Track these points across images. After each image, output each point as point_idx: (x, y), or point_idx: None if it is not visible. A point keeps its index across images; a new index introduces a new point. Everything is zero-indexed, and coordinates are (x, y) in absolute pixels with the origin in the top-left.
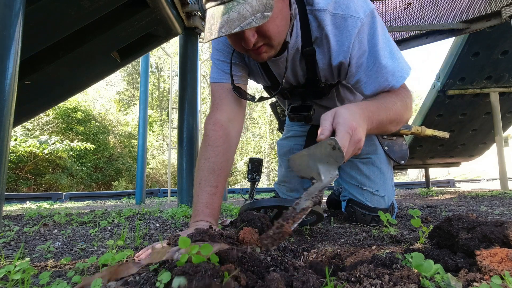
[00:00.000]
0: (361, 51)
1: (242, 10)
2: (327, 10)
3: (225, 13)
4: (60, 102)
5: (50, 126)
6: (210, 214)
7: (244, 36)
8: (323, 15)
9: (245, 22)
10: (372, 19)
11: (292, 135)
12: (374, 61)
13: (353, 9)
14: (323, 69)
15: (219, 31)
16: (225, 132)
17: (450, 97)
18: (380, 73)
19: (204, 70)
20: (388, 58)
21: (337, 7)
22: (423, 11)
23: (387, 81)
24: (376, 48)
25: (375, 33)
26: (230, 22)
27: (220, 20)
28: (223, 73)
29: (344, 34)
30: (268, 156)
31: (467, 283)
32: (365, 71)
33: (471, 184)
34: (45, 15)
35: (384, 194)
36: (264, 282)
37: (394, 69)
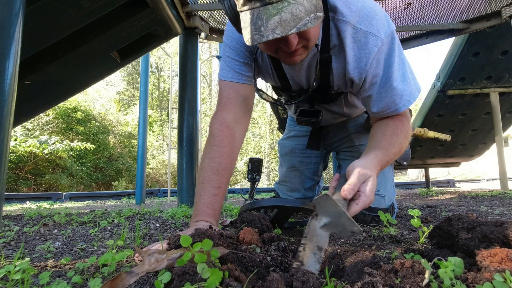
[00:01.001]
0: (377, 71)
1: (295, 11)
2: (349, 22)
3: (275, 14)
4: (60, 102)
5: (50, 126)
6: (211, 214)
7: (288, 38)
8: (344, 27)
9: (301, 23)
10: (391, 40)
11: (294, 135)
12: (386, 82)
13: (376, 27)
14: (337, 78)
15: (272, 32)
16: (231, 133)
17: (450, 97)
18: (390, 94)
19: (204, 70)
20: (399, 81)
21: (360, 21)
22: (423, 11)
23: (394, 103)
24: (391, 69)
25: (392, 54)
26: (284, 23)
27: (271, 21)
28: (233, 72)
29: (363, 51)
30: (268, 156)
31: (468, 283)
32: (377, 90)
33: (471, 184)
34: (45, 15)
35: (385, 194)
36: (264, 282)
37: (403, 92)
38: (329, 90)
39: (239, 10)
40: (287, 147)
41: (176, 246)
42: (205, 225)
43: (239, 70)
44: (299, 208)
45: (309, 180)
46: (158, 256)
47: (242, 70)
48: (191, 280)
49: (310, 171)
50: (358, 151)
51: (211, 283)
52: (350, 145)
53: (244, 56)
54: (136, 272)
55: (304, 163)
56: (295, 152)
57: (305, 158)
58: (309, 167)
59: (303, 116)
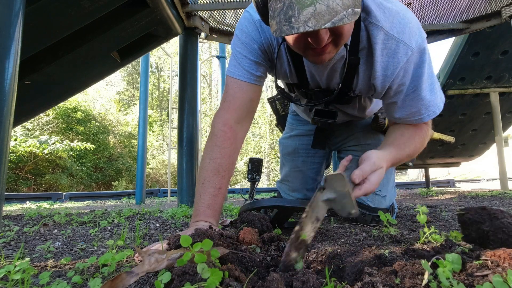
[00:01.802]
0: (404, 80)
1: (332, 3)
2: (382, 27)
3: (309, 5)
4: (60, 102)
5: (50, 126)
6: (212, 215)
7: (318, 33)
8: (376, 31)
9: (337, 17)
10: (422, 50)
11: (297, 134)
12: (414, 91)
13: (408, 36)
14: (362, 82)
15: (304, 25)
16: (233, 134)
17: (450, 97)
18: (416, 104)
19: (204, 70)
20: (427, 91)
21: (393, 28)
22: (423, 11)
23: (419, 112)
24: (421, 79)
25: (422, 65)
26: (318, 15)
27: (303, 12)
28: (243, 70)
29: (391, 60)
30: (268, 156)
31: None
32: (403, 97)
33: (471, 184)
34: (45, 15)
35: (386, 194)
36: (264, 282)
37: (430, 103)
38: (349, 93)
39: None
40: (290, 147)
41: (176, 246)
42: (205, 225)
43: (249, 69)
44: (299, 208)
45: (312, 181)
46: (158, 256)
47: (252, 69)
48: (191, 280)
49: (313, 171)
50: (363, 150)
51: (211, 283)
52: (355, 144)
53: (256, 55)
54: (136, 272)
55: (307, 163)
56: (298, 152)
57: (308, 158)
58: (312, 167)
59: (319, 117)
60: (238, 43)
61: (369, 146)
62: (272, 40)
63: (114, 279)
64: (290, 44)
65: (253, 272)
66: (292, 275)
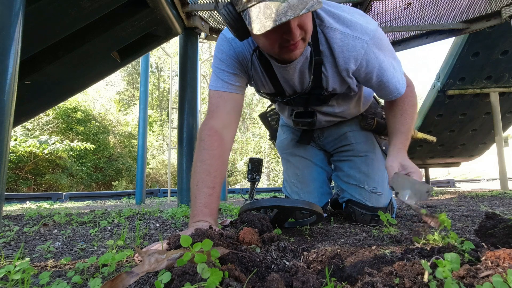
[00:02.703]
0: (369, 69)
1: None
2: (336, 29)
3: (283, 1)
4: (60, 102)
5: (50, 126)
6: (209, 214)
7: (291, 28)
8: (331, 33)
9: (308, 5)
10: (377, 40)
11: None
12: (381, 75)
13: (360, 31)
14: (332, 80)
15: (284, 15)
16: (219, 137)
17: (450, 97)
18: (389, 84)
19: (204, 70)
20: (392, 70)
21: (345, 27)
22: (423, 11)
23: (396, 89)
24: (383, 65)
25: (380, 53)
26: (293, 7)
27: (280, 7)
28: (222, 82)
29: (351, 54)
30: (268, 156)
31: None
32: (376, 83)
33: (471, 184)
34: (45, 15)
35: (382, 191)
36: (264, 282)
37: (398, 80)
38: (322, 92)
39: (243, 8)
40: (286, 140)
41: (176, 246)
42: (204, 225)
43: (228, 80)
44: (299, 208)
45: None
46: (158, 256)
47: (231, 80)
48: (191, 280)
49: (318, 160)
50: (354, 150)
51: (211, 283)
52: (345, 144)
53: (233, 67)
54: (136, 272)
55: (309, 151)
56: (295, 140)
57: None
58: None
59: (299, 118)
60: (216, 60)
61: (359, 145)
62: (245, 53)
63: (114, 279)
64: (264, 48)
65: (253, 272)
66: (292, 275)
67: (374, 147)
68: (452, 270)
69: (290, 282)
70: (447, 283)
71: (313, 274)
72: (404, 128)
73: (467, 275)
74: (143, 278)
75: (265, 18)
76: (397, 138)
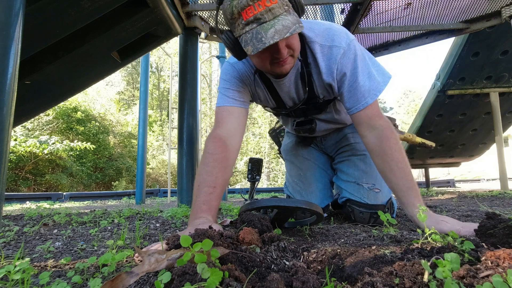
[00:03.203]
0: (343, 72)
1: (285, 23)
2: (316, 42)
3: (271, 28)
4: (60, 102)
5: (50, 126)
6: (207, 210)
7: (279, 48)
8: (314, 45)
9: (291, 29)
10: (352, 47)
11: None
12: (354, 81)
13: (337, 41)
14: (320, 87)
15: (272, 39)
16: (223, 144)
17: (450, 97)
18: (359, 90)
19: (204, 70)
20: (366, 79)
21: (324, 40)
22: (423, 11)
23: (363, 97)
24: (356, 70)
25: (355, 59)
26: (279, 31)
27: (268, 32)
28: (228, 98)
29: (331, 60)
30: (268, 156)
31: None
32: (347, 88)
33: (471, 184)
34: (45, 15)
35: (380, 188)
36: (264, 282)
37: (370, 87)
38: (317, 100)
39: (239, 34)
40: (290, 143)
41: (175, 246)
42: (202, 221)
43: (232, 96)
44: (299, 208)
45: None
46: (158, 256)
47: (235, 96)
48: (191, 280)
49: (321, 162)
50: (353, 149)
51: (211, 283)
52: (345, 144)
53: (237, 86)
54: (136, 272)
55: (312, 154)
56: (299, 143)
57: (313, 149)
58: (319, 159)
59: (299, 126)
60: (221, 82)
61: (358, 144)
62: (248, 74)
63: (114, 279)
64: (258, 66)
65: (253, 272)
66: (292, 275)
67: None
68: (452, 270)
69: (290, 282)
70: (447, 283)
71: (313, 274)
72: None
73: (467, 275)
74: (143, 278)
75: (257, 41)
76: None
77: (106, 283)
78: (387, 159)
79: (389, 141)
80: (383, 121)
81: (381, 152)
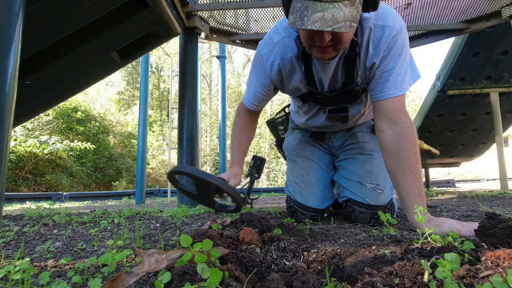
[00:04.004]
0: (389, 56)
1: (336, 14)
2: (370, 19)
3: (320, 11)
4: (60, 102)
5: (50, 126)
6: (237, 162)
7: (323, 35)
8: (366, 23)
9: (337, 25)
10: (403, 33)
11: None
12: (392, 67)
13: (391, 21)
14: (361, 71)
15: (312, 24)
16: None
17: (450, 97)
18: (393, 78)
19: (204, 70)
20: (404, 69)
21: (377, 18)
22: (423, 11)
23: (394, 86)
24: (399, 57)
25: (403, 45)
26: (323, 20)
27: (314, 15)
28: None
29: (381, 41)
30: (268, 156)
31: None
32: (381, 71)
33: (471, 184)
34: (45, 15)
35: (383, 189)
36: (264, 282)
37: (404, 79)
38: (354, 88)
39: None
40: (294, 141)
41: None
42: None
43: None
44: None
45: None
46: (158, 256)
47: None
48: (191, 280)
49: (324, 163)
50: (361, 147)
51: (211, 283)
52: (353, 142)
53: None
54: (136, 272)
55: (316, 154)
56: (304, 143)
57: (317, 149)
58: (323, 160)
59: (333, 113)
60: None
61: (366, 144)
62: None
63: (114, 279)
64: (302, 40)
65: (253, 272)
66: (292, 275)
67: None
68: (452, 270)
69: (290, 282)
70: (447, 283)
71: (313, 274)
72: (419, 189)
73: (467, 275)
74: (143, 278)
75: (299, 18)
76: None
77: (106, 283)
78: (401, 160)
79: (408, 141)
80: (407, 119)
81: (397, 151)
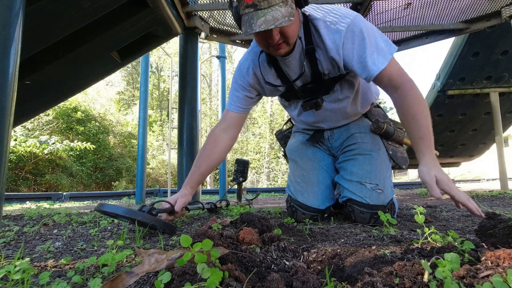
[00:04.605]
0: (351, 46)
1: (275, 15)
2: (321, 19)
3: (262, 16)
4: (60, 102)
5: (50, 126)
6: (187, 182)
7: (272, 34)
8: (318, 23)
9: (278, 22)
10: (357, 22)
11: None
12: (363, 52)
13: (341, 16)
14: (325, 63)
15: (258, 27)
16: (215, 138)
17: (450, 97)
18: (369, 59)
19: (204, 70)
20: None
21: (328, 16)
22: (423, 11)
23: (375, 64)
24: (364, 41)
25: (361, 31)
26: (267, 22)
27: (259, 20)
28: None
29: (336, 34)
30: (268, 156)
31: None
32: (357, 60)
33: (471, 184)
34: (45, 15)
35: (383, 189)
36: (264, 282)
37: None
38: (322, 77)
39: (241, 13)
40: (296, 142)
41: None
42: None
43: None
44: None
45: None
46: (158, 256)
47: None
48: (191, 280)
49: (326, 164)
50: (360, 148)
51: (211, 283)
52: (352, 143)
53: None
54: (136, 272)
55: (317, 154)
56: (305, 144)
57: (318, 150)
58: (324, 161)
59: (306, 102)
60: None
61: (365, 144)
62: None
63: (114, 279)
64: (258, 44)
65: (253, 272)
66: (292, 275)
67: (379, 148)
68: (452, 270)
69: (290, 282)
70: (447, 283)
71: (313, 274)
72: (422, 133)
73: (467, 275)
74: (143, 278)
75: (248, 26)
76: (420, 144)
77: (106, 283)
78: (404, 113)
79: (406, 98)
80: (403, 78)
81: (401, 108)
